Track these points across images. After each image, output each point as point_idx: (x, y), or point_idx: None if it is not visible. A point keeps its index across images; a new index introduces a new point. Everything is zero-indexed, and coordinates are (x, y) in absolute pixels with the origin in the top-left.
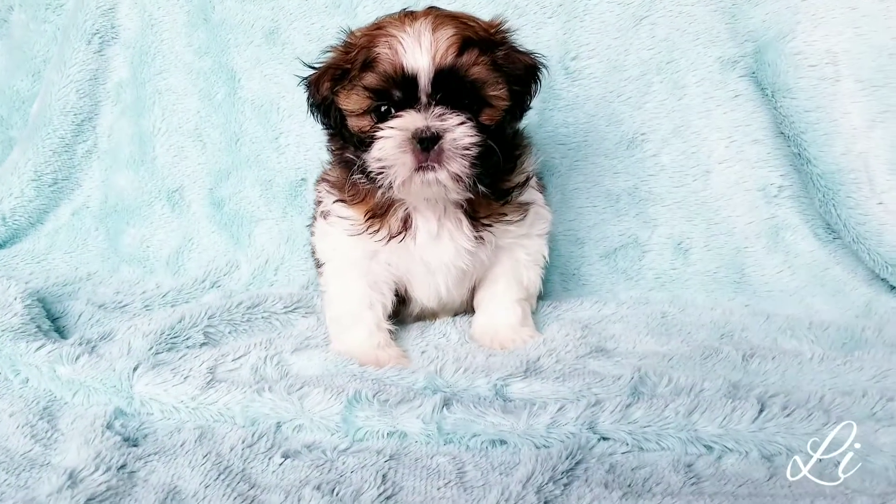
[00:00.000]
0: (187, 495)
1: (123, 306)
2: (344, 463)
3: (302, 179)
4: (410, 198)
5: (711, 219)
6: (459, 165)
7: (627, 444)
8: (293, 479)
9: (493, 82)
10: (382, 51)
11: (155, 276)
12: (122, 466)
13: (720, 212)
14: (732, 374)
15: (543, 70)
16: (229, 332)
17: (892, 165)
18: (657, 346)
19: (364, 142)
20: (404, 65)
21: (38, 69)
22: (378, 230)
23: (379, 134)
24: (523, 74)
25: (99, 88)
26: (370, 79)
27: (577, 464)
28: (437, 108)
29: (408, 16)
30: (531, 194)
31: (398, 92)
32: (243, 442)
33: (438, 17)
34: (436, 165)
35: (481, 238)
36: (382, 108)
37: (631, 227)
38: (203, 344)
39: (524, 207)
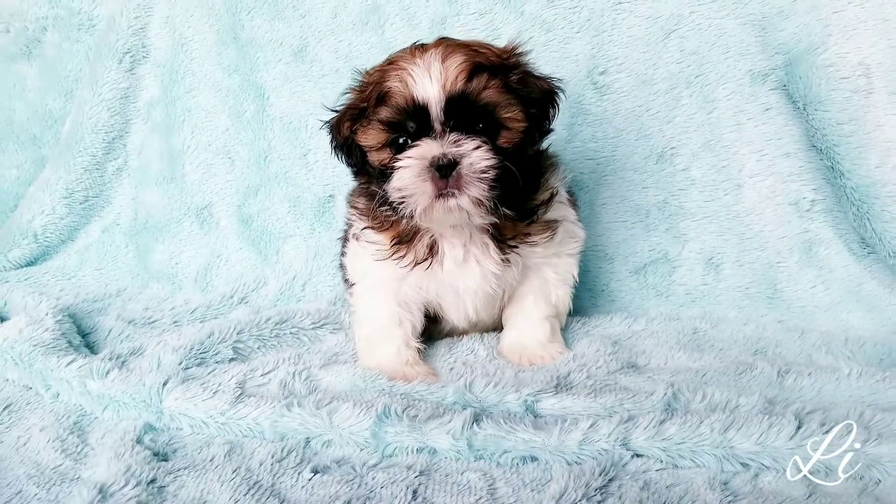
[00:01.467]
0: None
1: (153, 322)
2: (374, 478)
3: (330, 196)
4: (434, 225)
5: (743, 233)
6: (479, 189)
7: (661, 461)
8: (323, 495)
9: (506, 104)
10: (394, 84)
11: (183, 292)
12: (152, 481)
13: (752, 226)
14: (768, 390)
15: (561, 94)
16: (258, 348)
17: None
18: (690, 362)
19: (385, 174)
20: (415, 96)
21: (71, 89)
22: (404, 256)
23: (397, 165)
24: (540, 98)
25: (130, 107)
26: (385, 112)
27: (610, 481)
28: (452, 134)
29: (418, 49)
30: (560, 210)
31: (412, 123)
32: (273, 457)
33: (449, 46)
34: (455, 191)
35: (507, 261)
36: (400, 140)
37: (661, 243)
38: (232, 359)
39: (552, 226)
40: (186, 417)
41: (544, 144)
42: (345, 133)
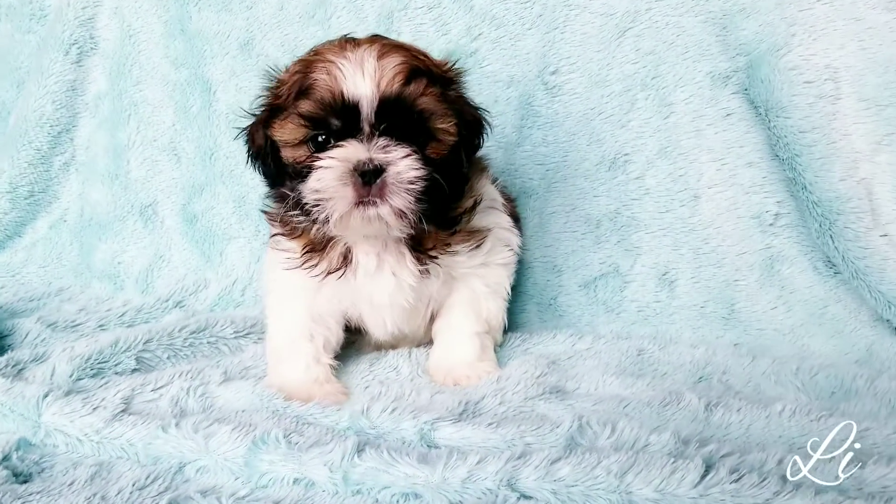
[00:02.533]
0: None
1: (76, 325)
2: None
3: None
4: (348, 234)
5: (700, 248)
6: (403, 200)
7: None
8: None
9: (442, 114)
10: (320, 76)
11: (124, 293)
12: None
13: (710, 240)
14: (689, 427)
15: (488, 127)
16: (167, 358)
17: None
18: (620, 389)
19: (300, 173)
20: (344, 91)
21: (23, 80)
22: (316, 265)
23: (317, 164)
24: (471, 122)
25: (77, 100)
26: (306, 106)
27: None
28: (381, 139)
29: (349, 42)
30: (491, 217)
31: (336, 120)
32: (134, 484)
33: (385, 45)
34: (378, 200)
35: (426, 272)
36: (320, 138)
37: (612, 255)
38: (135, 370)
39: (478, 235)
40: (62, 434)
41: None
42: (259, 141)
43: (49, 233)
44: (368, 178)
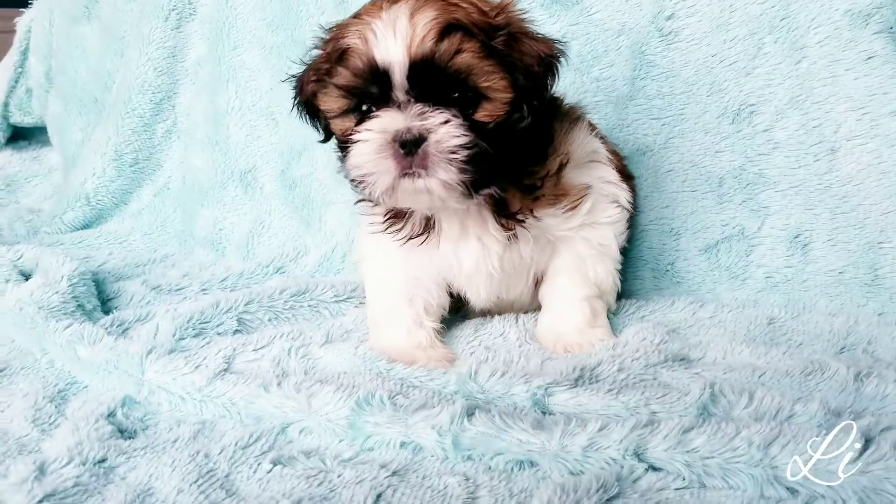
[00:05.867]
0: (157, 500)
1: (180, 289)
2: (339, 476)
3: None
4: (401, 206)
5: (838, 207)
6: (447, 172)
7: (684, 479)
8: (276, 491)
9: (483, 72)
10: (353, 42)
11: (226, 259)
12: (101, 461)
13: (849, 199)
14: (838, 398)
15: (562, 60)
16: (268, 320)
17: None
18: (752, 358)
19: (345, 146)
20: (375, 56)
21: (126, 49)
22: (400, 229)
23: (355, 138)
24: (533, 65)
25: (177, 66)
26: (343, 76)
27: (609, 500)
28: (418, 105)
29: (388, 0)
30: (594, 171)
31: (374, 88)
32: (237, 443)
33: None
34: (422, 171)
35: (515, 236)
36: (363, 107)
37: (737, 216)
38: (237, 331)
39: (573, 195)
40: (165, 392)
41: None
42: (308, 91)
43: (153, 200)
44: (409, 149)
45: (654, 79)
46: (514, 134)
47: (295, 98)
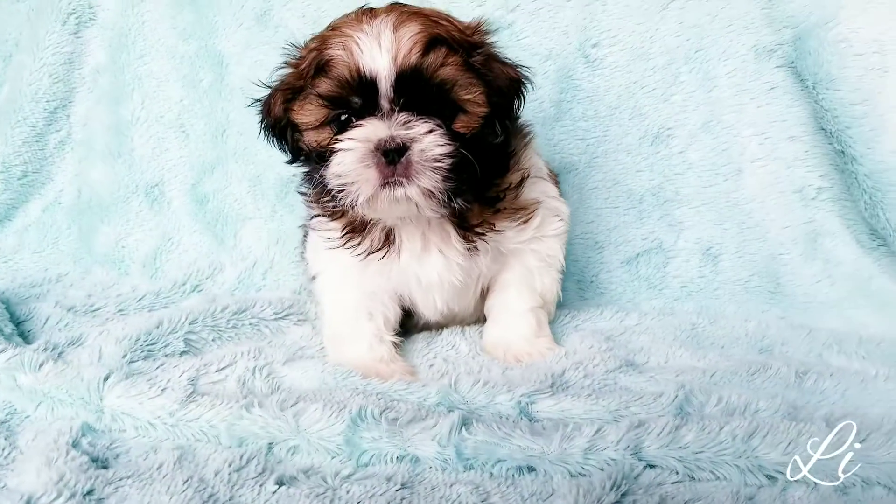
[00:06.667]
0: None
1: (96, 310)
2: (349, 492)
3: (294, 175)
4: (378, 216)
5: (743, 222)
6: (430, 179)
7: (678, 473)
8: None
9: (465, 84)
10: (336, 52)
11: (130, 278)
12: (90, 492)
13: (753, 215)
14: (787, 394)
15: (528, 84)
16: (213, 340)
17: None
18: (693, 361)
19: (323, 157)
20: (361, 67)
21: (10, 53)
22: (358, 244)
23: (338, 146)
24: (504, 86)
25: (74, 73)
26: (325, 85)
27: (623, 496)
28: (402, 114)
29: (366, 13)
30: (539, 187)
31: (357, 98)
32: (230, 465)
33: (403, 13)
34: (404, 180)
35: (475, 248)
36: (342, 118)
37: (655, 231)
38: (183, 352)
39: (526, 209)
40: (130, 417)
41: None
42: (276, 112)
43: (42, 216)
44: (392, 158)
45: (579, 102)
46: (486, 147)
47: (262, 121)
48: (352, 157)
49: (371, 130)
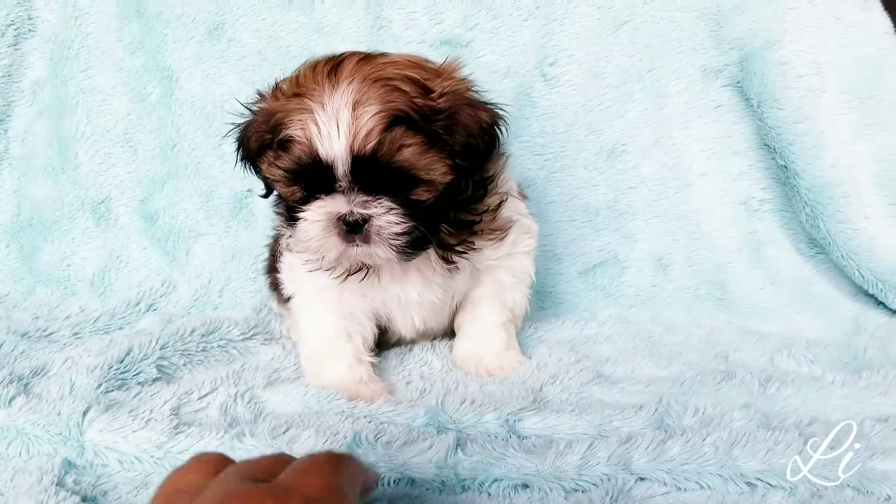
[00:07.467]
0: None
1: (50, 334)
2: None
3: (248, 191)
4: (349, 265)
5: (692, 233)
6: (391, 248)
7: (665, 485)
8: None
9: (424, 166)
10: (296, 133)
11: (78, 298)
12: None
13: (701, 226)
14: (755, 402)
15: (503, 125)
16: (184, 365)
17: (878, 179)
18: (658, 370)
19: (292, 210)
20: (317, 152)
21: None
22: (336, 266)
23: (302, 216)
24: (474, 140)
25: (12, 87)
26: (286, 161)
27: None
28: (360, 195)
29: (331, 74)
30: (513, 205)
31: (316, 178)
32: None
33: (366, 81)
34: (366, 246)
35: (455, 267)
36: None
37: (610, 243)
38: (156, 379)
39: (502, 228)
40: (114, 452)
41: None
42: (252, 146)
43: None
44: (352, 228)
45: (537, 118)
46: (452, 199)
47: (238, 151)
48: (315, 227)
49: (332, 205)
